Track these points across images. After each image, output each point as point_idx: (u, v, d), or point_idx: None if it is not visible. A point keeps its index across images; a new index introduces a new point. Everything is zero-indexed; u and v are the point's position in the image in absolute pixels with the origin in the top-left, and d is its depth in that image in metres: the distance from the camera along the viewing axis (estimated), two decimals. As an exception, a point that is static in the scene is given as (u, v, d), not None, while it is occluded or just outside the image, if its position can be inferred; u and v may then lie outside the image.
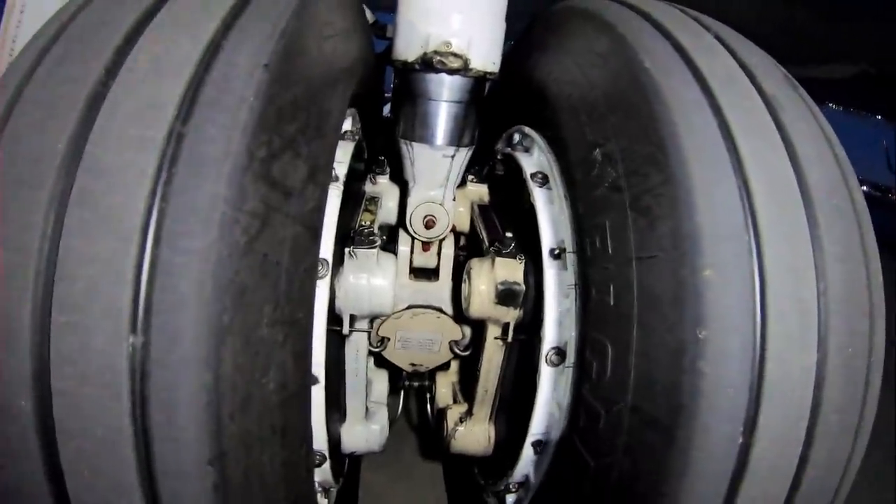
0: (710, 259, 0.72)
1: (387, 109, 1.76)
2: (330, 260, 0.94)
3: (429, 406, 1.38)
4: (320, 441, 0.97)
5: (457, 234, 1.30)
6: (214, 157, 0.65)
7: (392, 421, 1.19)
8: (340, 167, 1.01)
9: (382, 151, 1.30)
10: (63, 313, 0.61)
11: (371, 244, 1.01)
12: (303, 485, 0.86)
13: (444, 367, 1.32)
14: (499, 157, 1.26)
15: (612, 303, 0.81)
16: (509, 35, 1.11)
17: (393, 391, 1.33)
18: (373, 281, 1.01)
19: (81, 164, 0.63)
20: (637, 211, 0.80)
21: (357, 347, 1.08)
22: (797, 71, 0.97)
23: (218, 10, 0.73)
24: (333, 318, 1.02)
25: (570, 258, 0.96)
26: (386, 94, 1.73)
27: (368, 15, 1.34)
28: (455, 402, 1.30)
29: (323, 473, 1.02)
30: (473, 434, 1.15)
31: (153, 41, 0.70)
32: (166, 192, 0.63)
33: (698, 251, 0.73)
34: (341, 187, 0.99)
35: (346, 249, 1.01)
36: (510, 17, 1.09)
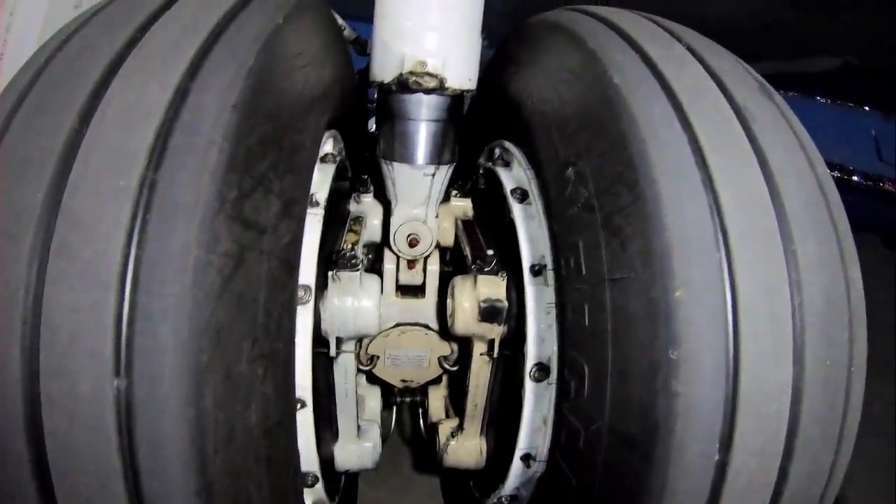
0: (681, 279, 0.74)
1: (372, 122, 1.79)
2: (313, 285, 0.98)
3: (422, 420, 1.43)
4: (311, 462, 1.02)
5: (442, 249, 1.34)
6: (185, 203, 0.69)
7: (385, 437, 1.23)
8: (321, 192, 1.05)
9: (367, 169, 1.33)
10: (50, 360, 0.66)
11: (353, 267, 1.05)
12: (293, 508, 0.91)
13: (436, 381, 1.36)
14: (481, 171, 1.29)
15: (587, 323, 0.84)
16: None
17: (386, 407, 1.37)
18: (357, 303, 1.05)
19: (60, 215, 0.68)
20: (609, 231, 0.82)
21: (345, 368, 1.12)
22: (782, 66, 0.98)
23: (186, 52, 0.77)
24: (320, 340, 1.07)
25: (551, 275, 0.99)
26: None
27: (348, 32, 1.36)
28: (447, 416, 1.34)
29: (316, 493, 1.07)
30: (465, 448, 1.19)
31: (123, 89, 0.74)
32: (141, 240, 0.67)
33: (669, 271, 0.75)
34: (322, 213, 1.03)
35: (329, 273, 1.05)
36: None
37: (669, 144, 0.80)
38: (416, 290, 1.29)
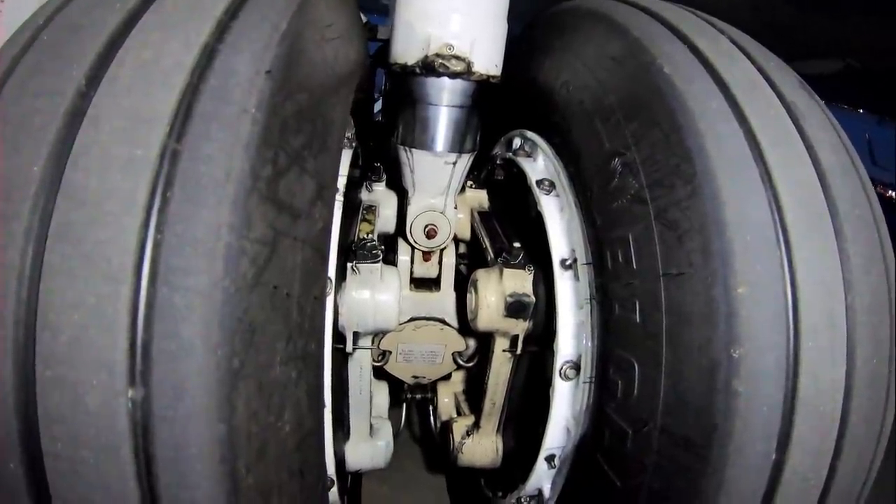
0: (743, 276, 0.67)
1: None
2: (333, 276, 0.85)
3: (432, 418, 1.31)
4: (328, 465, 0.89)
5: (456, 241, 1.22)
6: (215, 179, 0.55)
7: (395, 435, 1.11)
8: (340, 178, 0.91)
9: (376, 156, 1.20)
10: (49, 367, 0.51)
11: (374, 258, 0.92)
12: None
13: (446, 377, 1.25)
14: (498, 161, 1.18)
15: (638, 320, 0.76)
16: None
17: (394, 403, 1.25)
18: (377, 296, 0.92)
19: (61, 190, 0.53)
20: (663, 224, 0.74)
21: (360, 365, 0.99)
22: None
23: (212, 10, 0.63)
24: (336, 335, 0.93)
25: (584, 270, 0.89)
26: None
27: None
28: (459, 413, 1.23)
29: (331, 496, 0.94)
30: (481, 447, 1.08)
31: (140, 45, 0.59)
32: (161, 221, 0.53)
33: (730, 268, 0.68)
34: (342, 199, 0.90)
35: (349, 265, 0.92)
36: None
37: (727, 138, 0.72)
38: (431, 284, 1.18)
